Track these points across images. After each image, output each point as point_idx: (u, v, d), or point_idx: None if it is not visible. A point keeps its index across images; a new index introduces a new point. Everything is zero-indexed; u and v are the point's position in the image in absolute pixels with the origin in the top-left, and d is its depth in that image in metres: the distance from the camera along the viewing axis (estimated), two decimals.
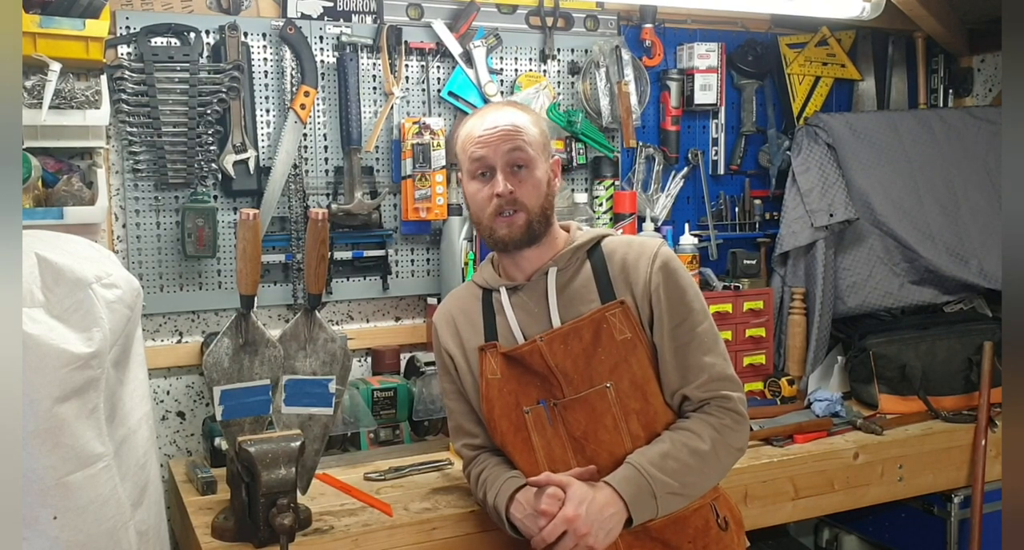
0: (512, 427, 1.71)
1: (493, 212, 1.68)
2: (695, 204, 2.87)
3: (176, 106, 2.19)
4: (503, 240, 1.69)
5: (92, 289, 1.53)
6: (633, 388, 1.66)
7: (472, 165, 1.70)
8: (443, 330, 1.83)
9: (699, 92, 2.77)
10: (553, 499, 1.58)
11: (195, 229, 2.21)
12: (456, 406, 1.85)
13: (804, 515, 2.29)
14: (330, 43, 2.39)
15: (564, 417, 1.69)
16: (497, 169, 1.67)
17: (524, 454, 1.71)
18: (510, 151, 1.67)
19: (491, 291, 1.78)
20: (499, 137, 1.67)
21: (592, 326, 1.67)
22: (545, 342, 1.68)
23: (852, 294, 2.78)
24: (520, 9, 2.59)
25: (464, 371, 1.79)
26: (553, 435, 1.70)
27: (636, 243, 1.74)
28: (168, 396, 2.33)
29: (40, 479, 1.43)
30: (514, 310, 1.73)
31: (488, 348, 1.73)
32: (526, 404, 1.71)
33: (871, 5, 2.59)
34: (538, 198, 1.69)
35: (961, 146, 2.90)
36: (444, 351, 1.82)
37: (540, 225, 1.70)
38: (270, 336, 1.80)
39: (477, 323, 1.78)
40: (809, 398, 2.54)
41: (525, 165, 1.68)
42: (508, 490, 1.67)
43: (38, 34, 1.91)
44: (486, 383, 1.73)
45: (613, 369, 1.67)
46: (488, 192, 1.68)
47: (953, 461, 2.41)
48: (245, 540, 1.73)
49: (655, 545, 1.67)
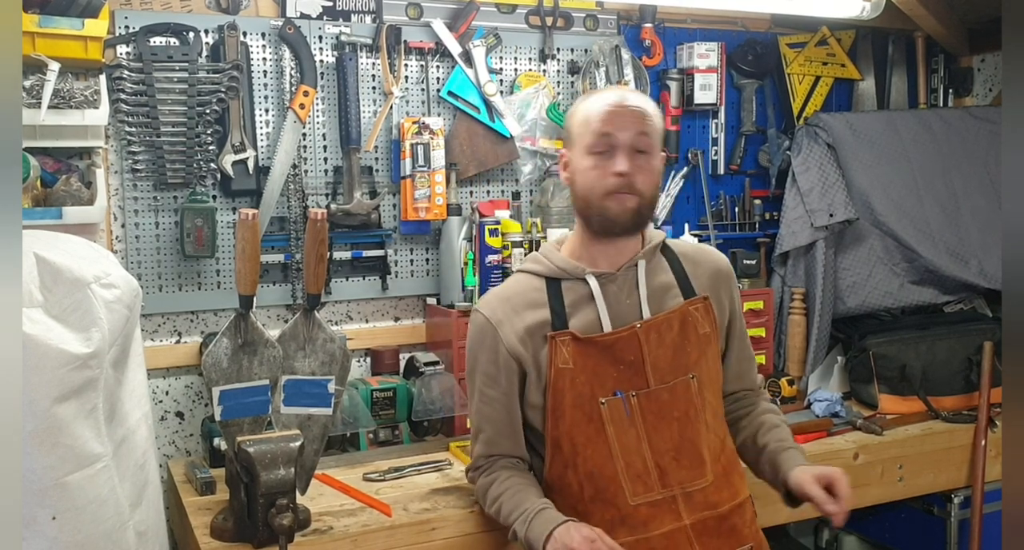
0: (585, 417, 1.68)
1: (609, 190, 1.65)
2: (695, 204, 2.86)
3: (175, 106, 2.19)
4: (613, 219, 1.67)
5: (91, 289, 1.53)
6: (709, 380, 1.74)
7: (594, 140, 1.66)
8: (506, 327, 1.72)
9: (699, 92, 2.76)
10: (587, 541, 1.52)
11: (194, 229, 2.21)
12: (490, 413, 1.75)
13: (804, 515, 2.28)
14: (329, 43, 2.38)
15: (644, 407, 1.68)
16: (619, 149, 1.65)
17: (596, 445, 1.68)
18: (637, 134, 1.65)
19: (559, 280, 1.74)
20: (630, 116, 1.66)
21: (680, 318, 1.72)
22: (643, 329, 1.69)
23: (852, 294, 2.78)
24: (520, 9, 2.59)
25: (531, 366, 1.71)
26: (629, 426, 1.68)
27: (707, 250, 1.88)
28: (167, 396, 2.33)
29: (39, 479, 1.43)
30: (604, 298, 1.72)
31: (560, 336, 1.68)
32: (602, 395, 1.68)
33: (871, 5, 2.59)
34: (653, 187, 1.70)
35: (961, 146, 2.90)
36: (507, 350, 1.71)
37: (648, 214, 1.72)
38: (269, 336, 1.80)
39: (545, 312, 1.72)
40: (809, 398, 2.54)
41: (647, 151, 1.67)
42: (547, 525, 1.58)
43: (37, 34, 1.91)
44: (556, 372, 1.67)
45: (696, 361, 1.72)
46: (605, 170, 1.65)
47: (953, 461, 2.41)
48: (244, 540, 1.73)
49: (722, 530, 1.71)
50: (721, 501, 1.71)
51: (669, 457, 1.68)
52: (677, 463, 1.68)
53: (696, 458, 1.70)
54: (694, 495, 1.69)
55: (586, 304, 1.71)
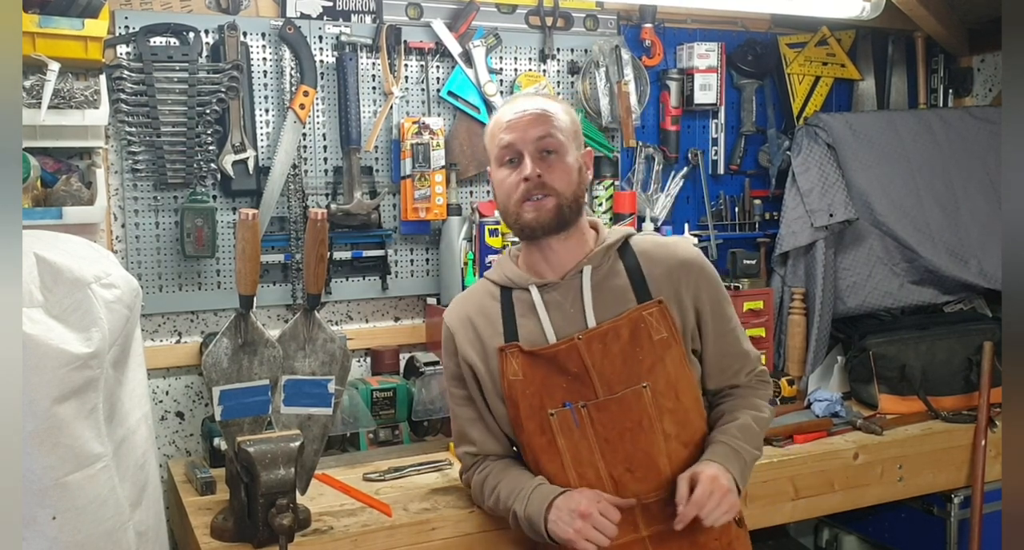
0: (538, 428, 1.68)
1: (520, 197, 1.64)
2: (695, 204, 2.86)
3: (175, 106, 2.19)
4: (530, 225, 1.65)
5: (91, 289, 1.53)
6: (667, 387, 1.66)
7: (500, 152, 1.67)
8: (460, 335, 1.76)
9: (699, 92, 2.76)
10: (592, 502, 1.56)
11: (194, 229, 2.21)
12: (462, 412, 1.81)
13: (804, 515, 2.29)
14: (329, 43, 2.38)
15: (595, 418, 1.65)
16: (525, 154, 1.64)
17: (549, 456, 1.68)
18: (539, 137, 1.64)
19: (511, 290, 1.74)
20: (528, 122, 1.65)
21: (630, 325, 1.65)
22: (583, 341, 1.65)
23: (852, 294, 2.78)
24: (520, 9, 2.59)
25: (485, 376, 1.73)
26: (580, 437, 1.66)
27: (669, 244, 1.76)
28: (167, 396, 2.33)
29: (39, 479, 1.43)
30: (548, 310, 1.69)
31: (508, 349, 1.68)
32: (551, 407, 1.66)
33: (871, 5, 2.59)
34: (569, 184, 1.66)
35: (961, 146, 2.90)
36: (462, 359, 1.76)
37: (571, 212, 1.67)
38: (269, 336, 1.80)
39: (497, 323, 1.72)
40: (809, 398, 2.54)
41: (555, 151, 1.65)
42: (545, 497, 1.61)
43: (37, 34, 1.91)
44: (508, 384, 1.68)
45: (650, 369, 1.66)
46: (516, 178, 1.65)
47: (953, 461, 2.41)
48: (244, 540, 1.73)
49: (683, 543, 1.65)
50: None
51: (623, 468, 1.65)
52: (631, 475, 1.65)
53: (651, 469, 1.66)
54: (651, 506, 1.65)
55: (532, 315, 1.70)
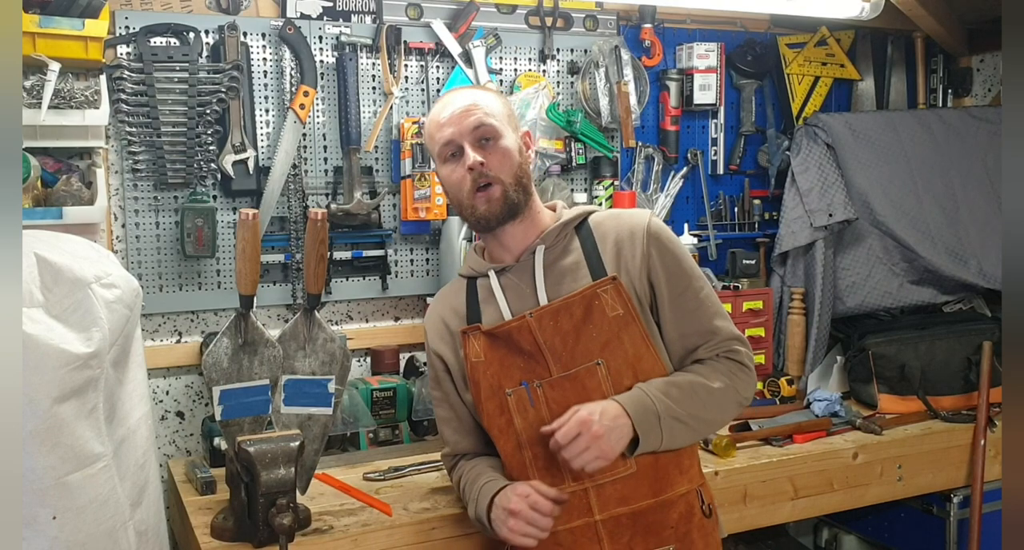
0: (497, 409, 1.69)
1: (471, 189, 1.67)
2: (694, 204, 2.87)
3: (175, 106, 2.19)
4: (484, 216, 1.68)
5: (91, 289, 1.53)
6: (626, 365, 1.65)
7: (442, 149, 1.70)
8: (432, 333, 1.81)
9: (698, 92, 2.77)
10: (521, 498, 1.58)
11: (194, 229, 2.21)
12: (441, 413, 1.84)
13: (803, 515, 2.29)
14: (329, 43, 2.39)
15: (549, 397, 1.66)
16: (465, 145, 1.67)
17: (507, 436, 1.69)
18: (475, 127, 1.67)
19: (476, 279, 1.77)
20: (460, 115, 1.68)
21: (583, 302, 1.65)
22: (535, 318, 1.66)
23: (851, 294, 2.78)
24: (519, 9, 2.59)
25: (455, 366, 1.77)
26: (535, 417, 1.66)
27: (625, 216, 1.74)
28: (167, 396, 2.33)
29: (39, 479, 1.43)
30: (504, 292, 1.72)
31: (471, 331, 1.71)
32: (508, 386, 1.68)
33: (870, 5, 2.59)
34: (511, 168, 1.68)
35: (961, 146, 2.90)
36: (434, 354, 1.80)
37: (518, 195, 1.69)
38: (269, 336, 1.80)
39: (462, 313, 1.76)
40: (808, 398, 2.54)
41: (491, 137, 1.68)
42: (486, 497, 1.65)
43: (37, 34, 1.91)
44: (471, 366, 1.71)
45: (604, 346, 1.65)
46: (461, 171, 1.68)
47: (952, 461, 2.41)
48: (244, 540, 1.73)
49: (637, 529, 1.65)
50: (639, 496, 1.64)
51: None
52: None
53: None
54: (606, 488, 1.64)
55: (492, 300, 1.73)
